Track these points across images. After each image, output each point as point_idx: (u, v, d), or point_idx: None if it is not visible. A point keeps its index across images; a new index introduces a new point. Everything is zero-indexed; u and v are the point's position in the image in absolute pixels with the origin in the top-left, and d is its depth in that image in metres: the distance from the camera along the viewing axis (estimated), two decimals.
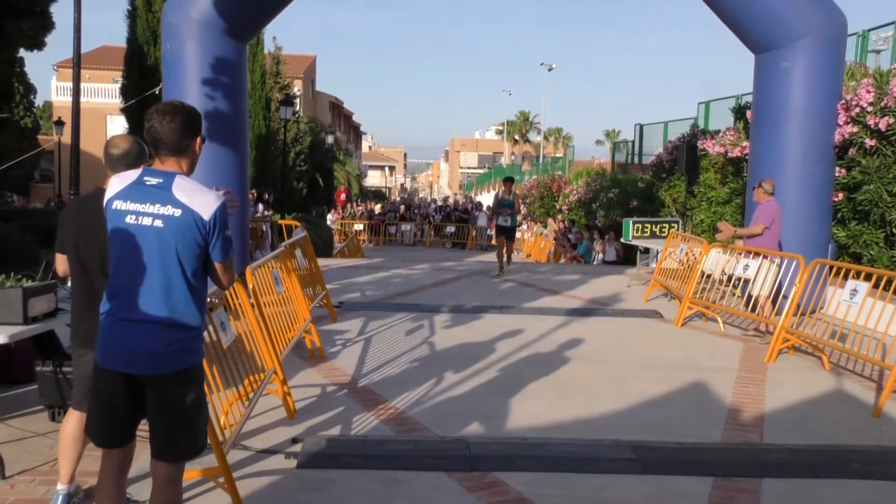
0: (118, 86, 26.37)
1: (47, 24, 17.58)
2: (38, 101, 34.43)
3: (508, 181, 14.03)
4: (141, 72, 21.79)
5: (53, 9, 17.26)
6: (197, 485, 4.04)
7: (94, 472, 3.96)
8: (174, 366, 2.89)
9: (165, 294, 2.88)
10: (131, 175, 2.98)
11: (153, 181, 2.92)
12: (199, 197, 2.89)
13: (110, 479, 3.09)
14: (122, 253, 2.92)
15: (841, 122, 9.81)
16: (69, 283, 4.71)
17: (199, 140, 3.05)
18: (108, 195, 2.98)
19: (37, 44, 17.71)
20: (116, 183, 2.98)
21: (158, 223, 2.86)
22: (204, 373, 3.11)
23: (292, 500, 4.06)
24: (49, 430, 4.91)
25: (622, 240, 14.68)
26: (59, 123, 29.36)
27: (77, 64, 11.74)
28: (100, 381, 2.99)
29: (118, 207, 2.93)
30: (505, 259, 13.63)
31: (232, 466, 4.11)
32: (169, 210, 2.86)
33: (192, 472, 3.65)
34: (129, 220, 2.89)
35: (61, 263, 3.88)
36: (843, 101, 9.81)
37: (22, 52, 18.60)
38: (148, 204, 2.88)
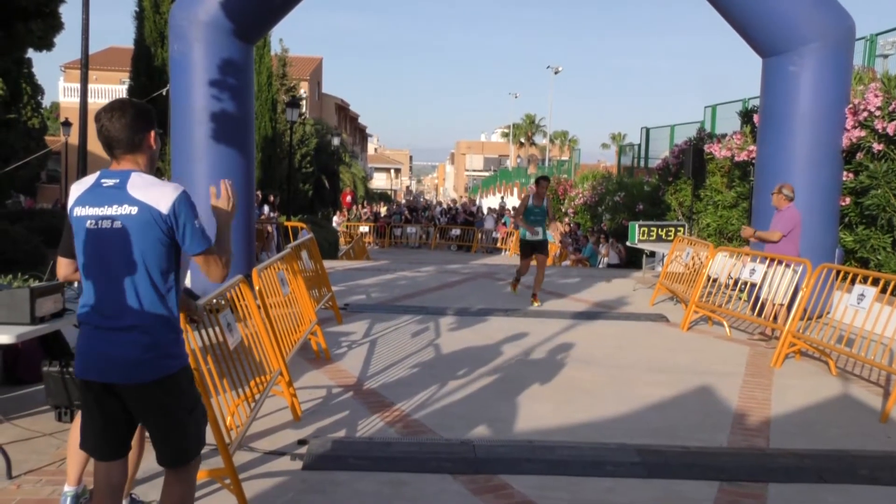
0: (125, 87, 26.46)
1: (56, 25, 17.63)
2: (46, 102, 34.56)
3: (543, 182, 10.87)
4: (148, 73, 21.86)
5: (61, 10, 17.32)
6: (203, 486, 4.05)
7: None
8: (155, 373, 2.79)
9: (136, 298, 2.78)
10: (89, 179, 2.88)
11: (110, 182, 2.82)
12: (154, 191, 2.78)
13: (106, 493, 2.97)
14: (88, 259, 2.83)
15: (848, 127, 9.78)
16: (75, 284, 4.73)
17: (153, 134, 2.91)
18: (69, 202, 2.89)
19: (46, 44, 17.75)
20: (76, 189, 2.89)
21: (118, 224, 2.76)
22: (191, 374, 3.00)
23: (298, 502, 4.06)
24: (55, 430, 4.92)
25: (628, 243, 14.65)
26: (67, 124, 29.47)
27: (85, 65, 11.78)
28: (82, 391, 2.91)
29: (78, 214, 2.83)
30: (532, 284, 10.85)
31: (238, 468, 4.11)
32: (126, 209, 2.76)
33: (198, 472, 3.65)
34: (90, 225, 2.80)
35: (63, 267, 3.80)
36: (850, 106, 9.79)
37: (30, 53, 18.67)
38: (105, 206, 2.78)
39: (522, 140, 77.82)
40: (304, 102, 37.21)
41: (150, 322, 2.79)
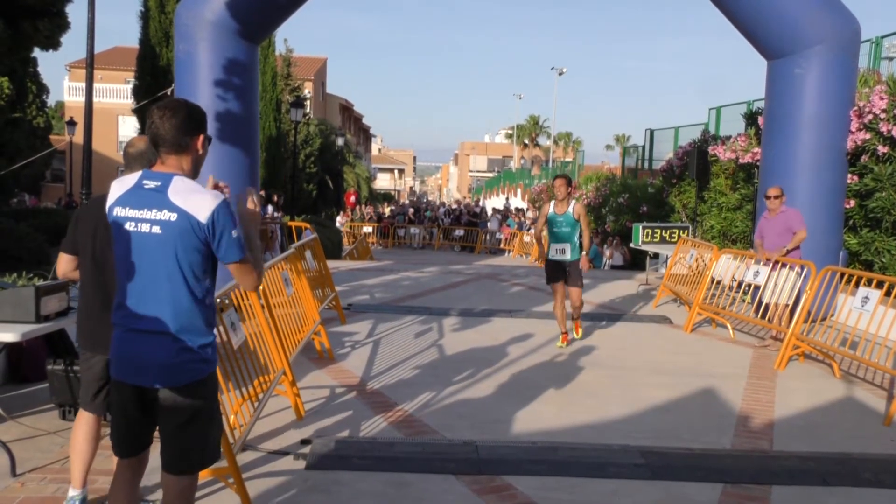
0: (130, 86, 26.53)
1: (63, 24, 17.70)
2: (51, 101, 34.72)
3: (563, 181, 7.94)
4: (153, 72, 21.89)
5: (67, 9, 17.37)
6: (207, 485, 4.05)
7: (106, 471, 3.99)
8: (188, 377, 2.81)
9: (173, 303, 2.78)
10: (131, 179, 2.87)
11: (151, 184, 2.80)
12: (194, 199, 2.75)
13: (125, 485, 3.04)
14: (126, 261, 2.83)
15: (853, 129, 9.77)
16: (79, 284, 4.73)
17: (201, 138, 2.90)
18: (109, 200, 2.88)
19: (52, 44, 17.82)
20: (117, 188, 2.88)
21: (157, 230, 2.75)
22: (217, 381, 3.02)
23: (301, 501, 4.06)
24: (60, 429, 4.93)
25: (632, 244, 14.64)
26: (72, 123, 29.55)
27: (90, 64, 11.80)
28: (114, 392, 2.94)
29: (118, 214, 2.83)
30: (569, 316, 8.44)
31: (241, 467, 4.12)
32: (165, 215, 2.74)
33: (202, 472, 3.65)
34: (130, 227, 2.79)
35: (64, 264, 3.79)
36: (855, 108, 9.77)
37: (35, 53, 18.72)
38: (146, 209, 2.77)
39: (526, 141, 77.83)
40: (308, 102, 37.27)
41: (185, 326, 2.79)
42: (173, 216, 2.73)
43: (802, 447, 5.16)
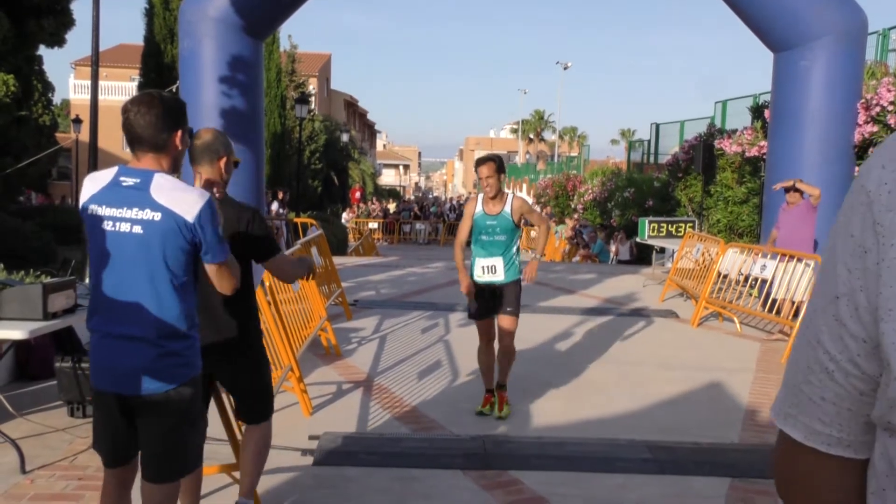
0: (135, 84, 26.56)
1: (68, 22, 17.73)
2: (56, 99, 34.73)
3: (490, 166, 5.35)
4: (158, 70, 21.92)
5: (72, 6, 17.40)
6: (215, 481, 4.06)
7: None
8: (169, 383, 2.68)
9: (155, 306, 2.63)
10: (105, 175, 2.69)
11: (129, 181, 2.62)
12: (179, 197, 2.60)
13: (115, 496, 2.91)
14: (103, 263, 2.66)
15: (861, 122, 9.72)
16: (86, 280, 4.74)
17: (180, 134, 2.71)
18: (82, 198, 2.70)
19: (57, 41, 17.85)
20: (91, 185, 2.70)
21: (138, 229, 2.59)
22: (199, 385, 2.87)
23: (309, 497, 4.07)
24: (68, 426, 4.95)
25: (637, 239, 14.60)
26: (77, 121, 29.62)
27: (95, 62, 11.81)
28: (96, 401, 2.82)
29: (94, 212, 2.64)
30: (497, 369, 5.72)
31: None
32: (148, 214, 2.58)
33: (210, 468, 3.67)
34: (107, 226, 2.62)
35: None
36: (863, 101, 9.72)
37: (41, 50, 18.75)
38: (125, 208, 2.59)
39: (531, 136, 77.71)
40: (313, 99, 37.21)
41: (167, 330, 2.67)
42: (157, 215, 2.58)
43: None
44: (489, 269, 5.42)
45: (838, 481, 0.80)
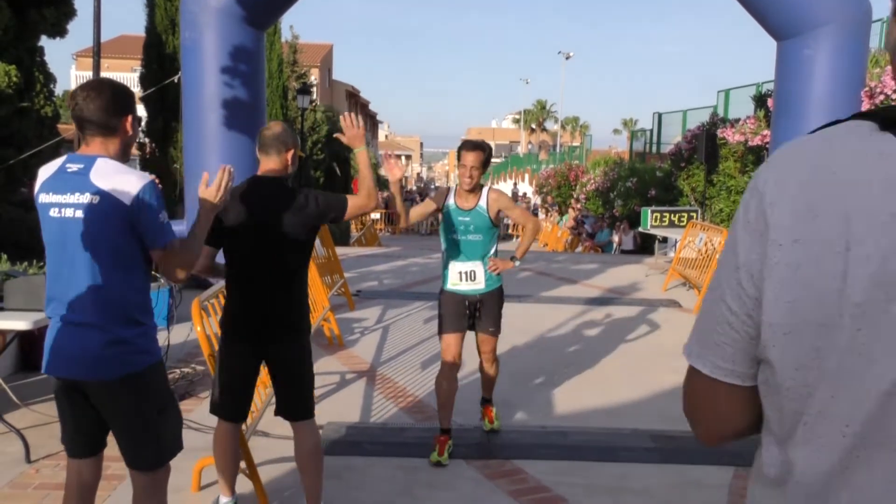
0: (136, 74, 26.50)
1: (69, 12, 17.65)
2: (58, 90, 34.77)
3: (477, 154, 4.47)
4: (159, 60, 21.86)
5: None
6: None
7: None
8: (121, 370, 2.64)
9: (98, 292, 2.61)
10: (55, 164, 2.71)
11: (74, 167, 2.63)
12: (118, 179, 2.59)
13: (78, 491, 2.87)
14: (52, 250, 2.68)
15: (864, 110, 9.69)
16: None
17: (129, 119, 2.71)
18: (36, 187, 2.73)
19: (59, 31, 17.78)
20: (42, 173, 2.73)
21: (79, 214, 2.58)
22: (163, 373, 2.84)
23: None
24: None
25: (640, 229, 14.58)
26: None
27: (97, 53, 11.80)
28: (54, 387, 2.81)
29: (43, 201, 2.68)
30: (480, 383, 5.15)
31: (254, 453, 4.13)
32: (87, 198, 2.57)
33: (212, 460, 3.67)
34: (53, 213, 2.62)
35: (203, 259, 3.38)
36: (866, 89, 9.68)
37: (42, 41, 18.75)
38: (68, 193, 2.60)
39: (533, 126, 77.59)
40: (314, 89, 37.14)
41: (114, 316, 2.63)
42: (95, 199, 2.57)
43: None
44: (467, 276, 4.58)
45: (732, 402, 1.09)
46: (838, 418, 0.94)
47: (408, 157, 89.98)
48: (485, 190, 4.65)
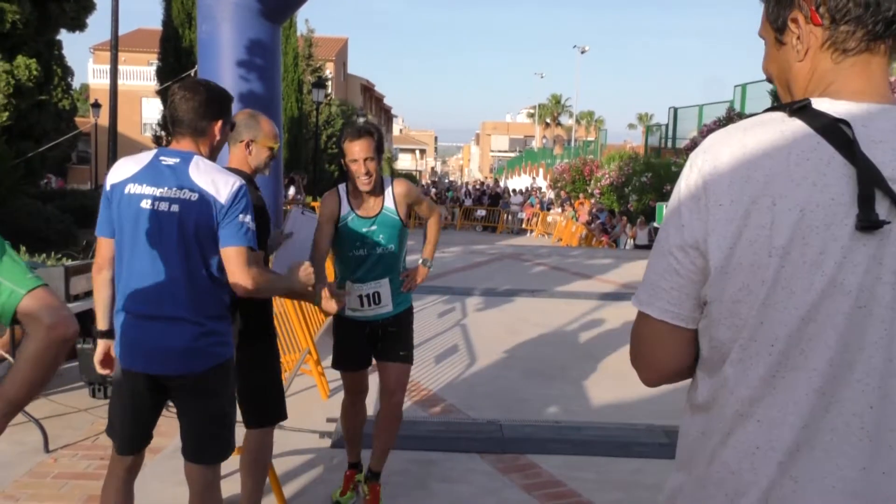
0: (153, 68, 26.67)
1: (88, 6, 17.83)
2: (75, 83, 35.01)
3: (366, 142, 3.46)
4: (176, 54, 21.99)
5: None
6: (234, 463, 4.10)
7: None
8: (209, 362, 2.67)
9: (190, 285, 2.62)
10: (145, 156, 2.71)
11: (170, 161, 2.65)
12: (215, 178, 2.62)
13: (119, 484, 2.83)
14: (138, 241, 2.63)
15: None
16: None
17: (219, 124, 2.75)
18: (118, 177, 2.68)
19: (78, 25, 17.97)
20: (130, 165, 2.70)
21: (175, 208, 2.59)
22: (234, 366, 2.86)
23: (327, 479, 4.11)
24: (90, 406, 5.02)
25: (655, 224, 14.52)
26: (96, 106, 29.79)
27: (115, 46, 11.88)
28: (122, 382, 2.75)
29: (131, 191, 2.64)
30: (372, 443, 3.83)
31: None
32: (185, 193, 2.59)
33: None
34: (145, 204, 2.61)
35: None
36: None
37: (61, 35, 18.89)
38: (165, 187, 2.61)
39: (548, 120, 77.33)
40: (329, 83, 37.22)
41: (203, 309, 2.65)
42: (194, 196, 2.59)
43: None
44: (370, 300, 3.59)
45: (675, 342, 1.29)
46: (766, 339, 1.15)
47: (422, 151, 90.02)
48: (387, 185, 3.62)
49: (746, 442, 1.19)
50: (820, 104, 1.20)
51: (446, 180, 67.18)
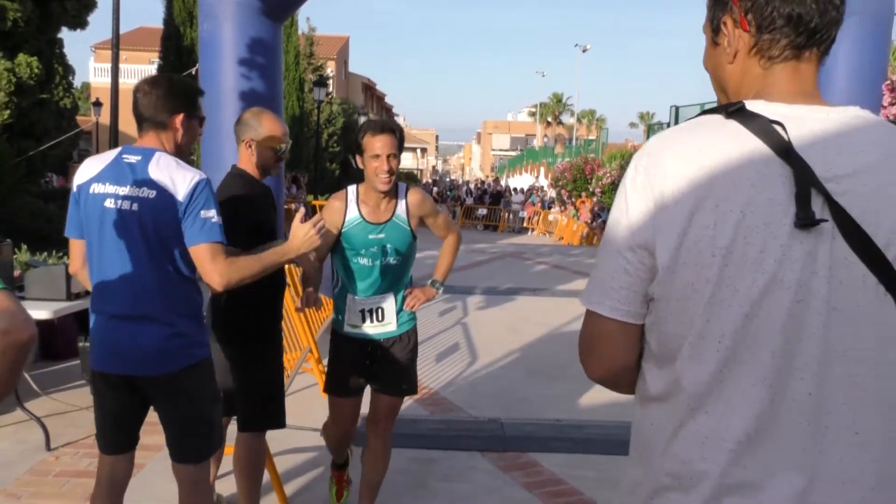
0: (154, 67, 26.68)
1: (89, 4, 17.82)
2: (77, 81, 35.01)
3: (389, 138, 3.21)
4: (177, 52, 22.01)
5: None
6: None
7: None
8: (183, 362, 2.61)
9: (157, 285, 2.56)
10: (108, 155, 2.66)
11: (131, 159, 2.59)
12: (174, 174, 2.54)
13: (109, 488, 2.80)
14: (104, 242, 2.58)
15: (885, 104, 9.58)
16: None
17: (181, 117, 2.65)
18: (83, 177, 2.64)
19: (79, 23, 17.96)
20: (95, 164, 2.66)
21: (135, 206, 2.53)
22: (212, 364, 2.81)
23: (328, 476, 4.11)
24: (91, 404, 5.00)
25: None
26: (98, 104, 29.83)
27: (116, 45, 11.88)
28: (98, 384, 2.72)
29: (95, 191, 2.59)
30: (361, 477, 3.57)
31: (269, 443, 4.16)
32: (144, 191, 2.53)
33: (231, 448, 3.70)
34: (108, 203, 2.55)
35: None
36: (888, 82, 9.57)
37: (63, 33, 18.88)
38: (126, 185, 2.54)
39: (549, 119, 77.30)
40: (330, 82, 37.23)
41: (174, 310, 2.60)
42: (153, 193, 2.53)
43: None
44: (373, 315, 3.36)
45: (623, 338, 1.31)
46: (714, 336, 1.19)
47: (423, 150, 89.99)
48: (401, 191, 3.39)
49: (696, 433, 1.22)
50: (754, 106, 1.24)
51: (447, 179, 67.20)
